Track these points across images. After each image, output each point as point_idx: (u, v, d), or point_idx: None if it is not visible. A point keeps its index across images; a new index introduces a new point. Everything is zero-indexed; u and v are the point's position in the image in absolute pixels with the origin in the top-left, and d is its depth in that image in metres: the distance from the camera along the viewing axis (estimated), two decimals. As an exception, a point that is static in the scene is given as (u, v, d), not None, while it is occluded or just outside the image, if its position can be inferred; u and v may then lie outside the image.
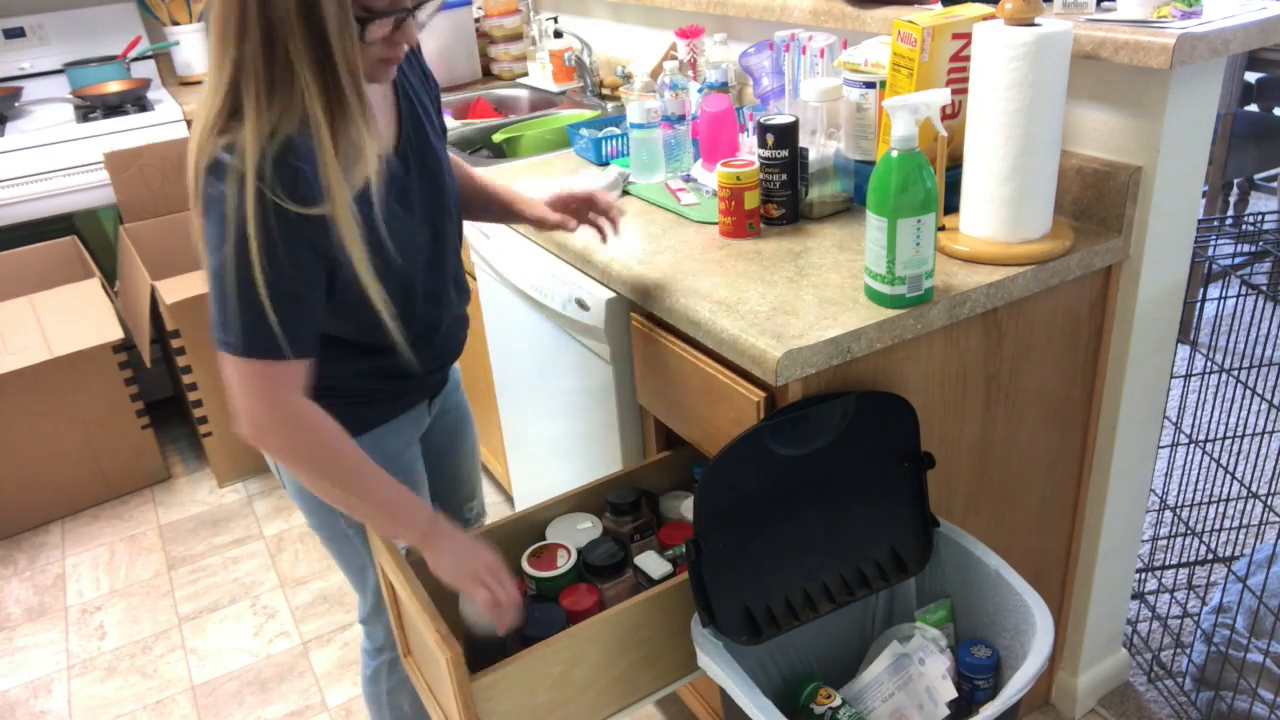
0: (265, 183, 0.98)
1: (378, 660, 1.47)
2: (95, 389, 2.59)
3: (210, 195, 1.00)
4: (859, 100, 1.48)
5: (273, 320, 1.02)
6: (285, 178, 0.99)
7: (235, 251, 0.99)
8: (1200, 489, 2.28)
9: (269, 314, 1.01)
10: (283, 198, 0.99)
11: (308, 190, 1.00)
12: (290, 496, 1.35)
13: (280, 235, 1.00)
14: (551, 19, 2.83)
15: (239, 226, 0.98)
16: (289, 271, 1.02)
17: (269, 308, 1.01)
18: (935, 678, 1.21)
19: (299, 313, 1.05)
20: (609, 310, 1.49)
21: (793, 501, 1.21)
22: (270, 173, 0.98)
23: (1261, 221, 1.70)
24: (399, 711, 1.52)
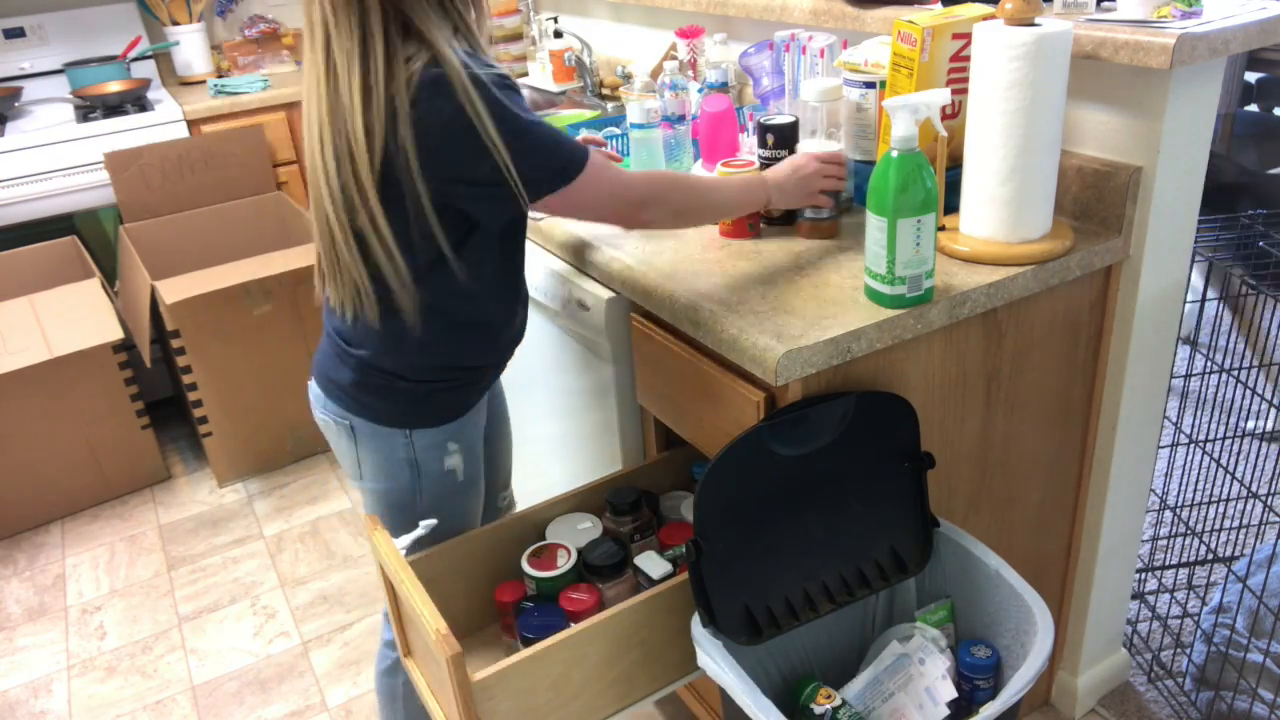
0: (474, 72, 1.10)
1: (396, 653, 1.47)
2: (95, 389, 2.59)
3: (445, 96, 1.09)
4: (859, 100, 1.48)
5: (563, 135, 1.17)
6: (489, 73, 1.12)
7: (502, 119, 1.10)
8: (1200, 489, 2.28)
9: (558, 131, 1.17)
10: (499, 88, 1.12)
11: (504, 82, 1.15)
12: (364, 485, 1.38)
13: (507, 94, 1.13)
14: (551, 19, 2.83)
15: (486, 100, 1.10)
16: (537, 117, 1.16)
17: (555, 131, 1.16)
18: (935, 678, 1.21)
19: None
20: (609, 310, 1.49)
21: (793, 501, 1.21)
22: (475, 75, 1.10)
23: (1262, 222, 1.70)
24: (412, 705, 1.52)
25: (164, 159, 2.84)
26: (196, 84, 3.24)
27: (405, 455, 1.32)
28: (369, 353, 1.27)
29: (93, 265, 2.83)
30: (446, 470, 1.35)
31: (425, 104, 1.09)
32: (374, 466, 1.34)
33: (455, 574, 1.42)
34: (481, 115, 1.09)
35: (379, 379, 1.27)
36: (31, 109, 3.04)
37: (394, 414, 1.29)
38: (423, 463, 1.33)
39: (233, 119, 3.00)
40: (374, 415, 1.30)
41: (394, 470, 1.33)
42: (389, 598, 1.35)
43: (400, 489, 1.35)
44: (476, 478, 1.41)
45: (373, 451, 1.33)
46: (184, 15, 3.20)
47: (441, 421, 1.32)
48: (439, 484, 1.35)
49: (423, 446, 1.32)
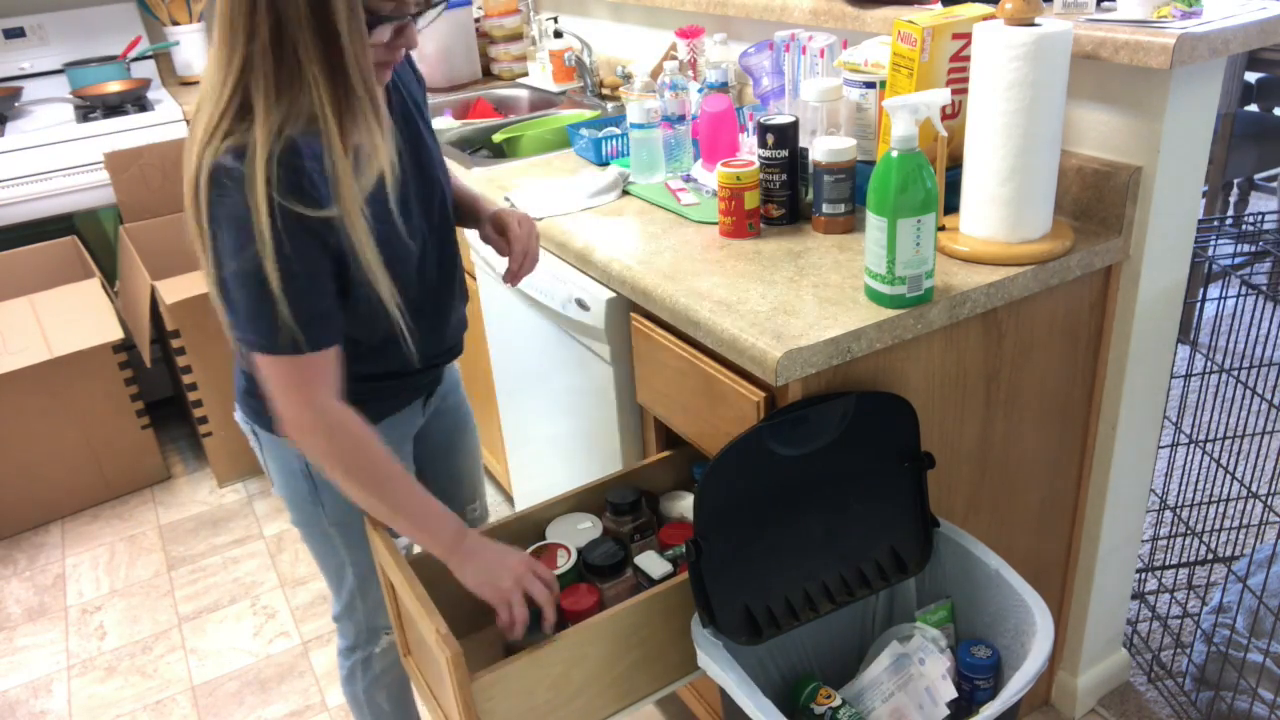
0: (274, 185, 0.98)
1: (351, 659, 1.48)
2: (95, 389, 2.59)
3: (218, 201, 1.00)
4: (859, 100, 1.48)
5: (292, 318, 1.03)
6: (292, 179, 1.00)
7: (248, 254, 1.00)
8: (1200, 489, 2.28)
9: (288, 311, 1.03)
10: (290, 199, 0.99)
11: (313, 191, 1.01)
12: (276, 492, 1.35)
13: (290, 235, 1.01)
14: (551, 19, 2.83)
15: (248, 230, 0.99)
16: (301, 269, 1.03)
17: (288, 305, 1.03)
18: (935, 678, 1.21)
19: (317, 307, 1.06)
20: (609, 310, 1.49)
21: (793, 502, 1.21)
22: (278, 174, 0.99)
23: (1261, 221, 1.70)
24: (378, 709, 1.52)
25: (164, 159, 2.84)
26: (196, 84, 3.24)
27: (300, 467, 1.28)
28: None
29: (93, 265, 2.83)
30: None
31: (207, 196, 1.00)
32: (276, 476, 1.32)
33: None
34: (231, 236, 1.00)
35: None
36: (31, 109, 3.04)
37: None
38: (317, 477, 1.28)
39: (233, 119, 2.99)
40: (267, 424, 1.25)
41: (292, 481, 1.30)
42: (389, 598, 1.35)
43: (301, 499, 1.31)
44: None
45: (273, 460, 1.30)
46: (184, 15, 3.20)
47: None
48: (338, 497, 1.25)
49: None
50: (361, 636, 1.45)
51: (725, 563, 1.17)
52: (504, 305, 1.93)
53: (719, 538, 1.16)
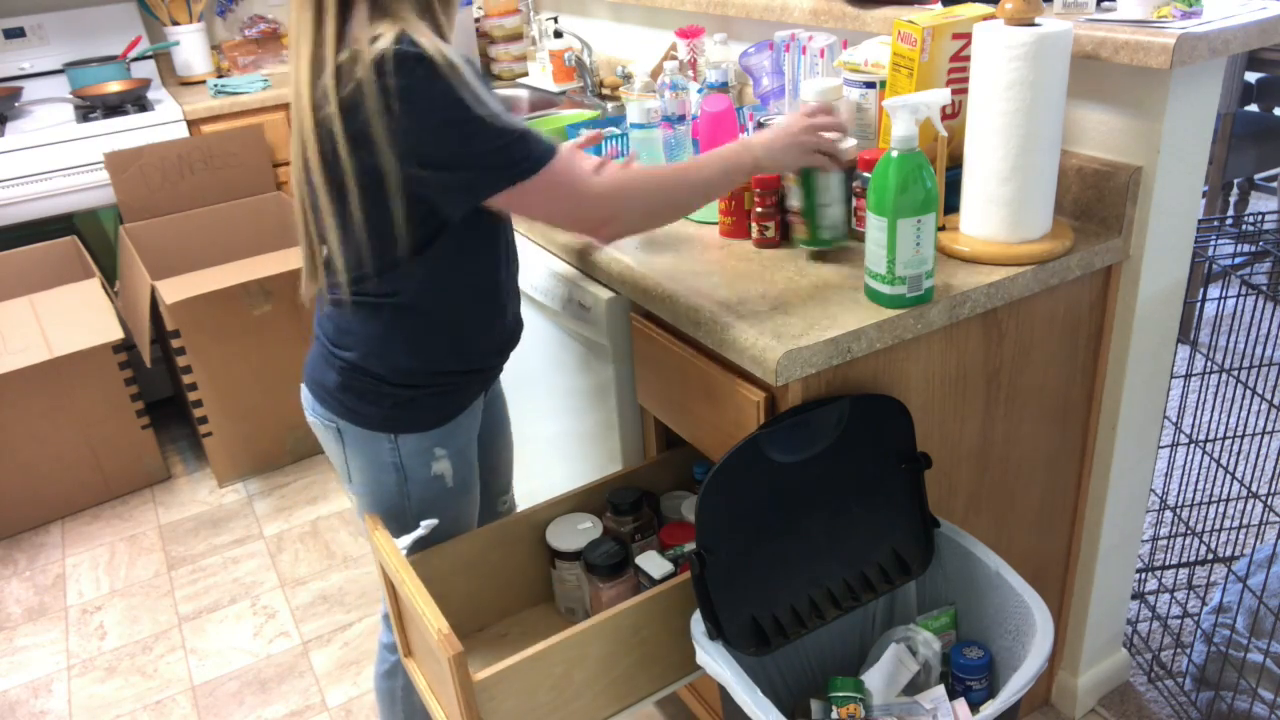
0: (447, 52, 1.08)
1: (396, 655, 1.47)
2: (95, 389, 2.59)
3: (414, 77, 1.06)
4: (859, 100, 1.48)
5: (526, 134, 1.12)
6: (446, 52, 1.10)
7: (468, 102, 1.07)
8: (1200, 489, 2.28)
9: (521, 131, 1.11)
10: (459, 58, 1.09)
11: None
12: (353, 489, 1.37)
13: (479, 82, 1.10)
14: (551, 19, 2.83)
15: (454, 90, 1.07)
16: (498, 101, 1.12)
17: (518, 127, 1.11)
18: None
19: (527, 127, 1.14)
20: (609, 310, 1.49)
21: (794, 508, 1.21)
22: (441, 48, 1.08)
23: (1261, 221, 1.70)
24: (411, 708, 1.52)
25: (164, 159, 2.84)
26: (196, 84, 3.24)
27: (391, 460, 1.31)
28: (354, 356, 1.26)
29: (93, 265, 2.83)
30: (434, 476, 1.34)
31: (394, 77, 1.06)
32: (361, 471, 1.34)
33: (455, 574, 1.42)
34: (449, 95, 1.07)
35: (363, 383, 1.27)
36: (31, 109, 3.04)
37: (378, 418, 1.28)
38: (409, 468, 1.32)
39: (233, 119, 3.00)
40: (359, 419, 1.29)
41: (380, 475, 1.33)
42: (389, 597, 1.35)
43: (387, 494, 1.34)
44: (468, 483, 1.40)
45: (359, 456, 1.32)
46: (184, 15, 3.20)
47: (427, 427, 1.30)
48: (427, 489, 1.35)
49: (408, 452, 1.31)
50: None
51: (729, 573, 1.17)
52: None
53: (722, 549, 1.16)
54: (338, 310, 1.27)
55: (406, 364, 1.26)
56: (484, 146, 1.10)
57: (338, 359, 1.28)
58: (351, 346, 1.26)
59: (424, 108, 1.07)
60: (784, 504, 1.20)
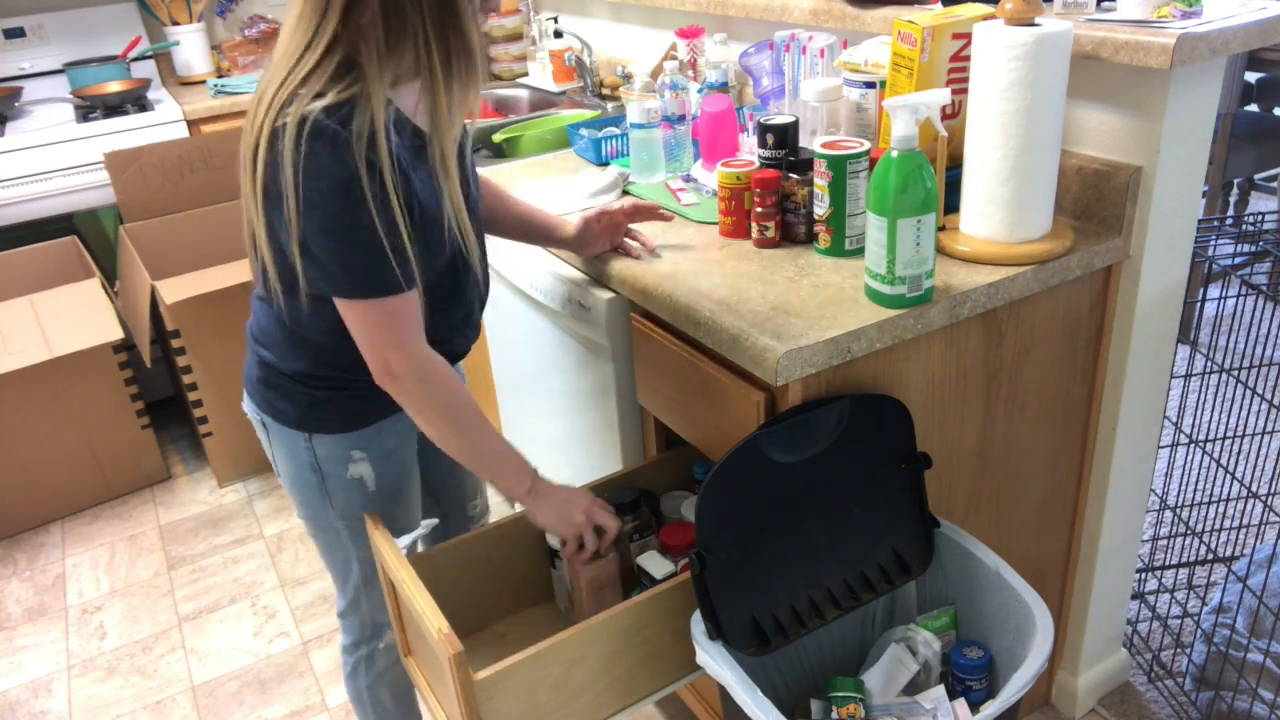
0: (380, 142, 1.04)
1: (355, 656, 1.48)
2: (95, 389, 2.59)
3: (316, 155, 1.03)
4: (859, 100, 1.48)
5: (389, 262, 1.08)
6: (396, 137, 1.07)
7: (348, 206, 1.04)
8: (1200, 489, 2.28)
9: (385, 256, 1.08)
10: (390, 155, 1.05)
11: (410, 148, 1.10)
12: (285, 485, 1.37)
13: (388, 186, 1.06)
14: (551, 19, 2.83)
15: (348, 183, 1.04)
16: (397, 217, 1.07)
17: (386, 251, 1.07)
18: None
19: (407, 251, 1.10)
20: (609, 310, 1.49)
21: (794, 508, 1.21)
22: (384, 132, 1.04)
23: (1261, 221, 1.70)
24: (381, 708, 1.52)
25: (164, 159, 2.84)
26: (196, 84, 3.24)
27: (308, 459, 1.30)
28: (270, 355, 1.26)
29: (93, 265, 2.83)
30: (351, 479, 1.31)
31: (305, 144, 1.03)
32: (284, 467, 1.34)
33: (455, 574, 1.42)
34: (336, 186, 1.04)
35: (279, 379, 1.26)
36: (31, 109, 3.04)
37: (294, 416, 1.27)
38: (325, 469, 1.30)
39: (233, 119, 3.00)
40: (278, 416, 1.28)
41: (300, 473, 1.32)
42: (389, 597, 1.35)
43: (310, 492, 1.33)
44: (398, 489, 1.36)
45: (282, 451, 1.32)
46: (184, 15, 3.20)
47: (343, 429, 1.28)
48: (347, 491, 1.32)
49: (324, 454, 1.29)
50: (365, 632, 1.45)
51: (729, 573, 1.17)
52: (504, 305, 1.93)
53: (722, 549, 1.16)
54: (260, 306, 1.27)
55: (320, 368, 1.24)
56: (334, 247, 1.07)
57: (258, 354, 1.28)
58: (268, 344, 1.26)
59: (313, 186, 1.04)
60: (784, 504, 1.20)
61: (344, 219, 1.05)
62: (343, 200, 1.04)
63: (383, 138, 1.04)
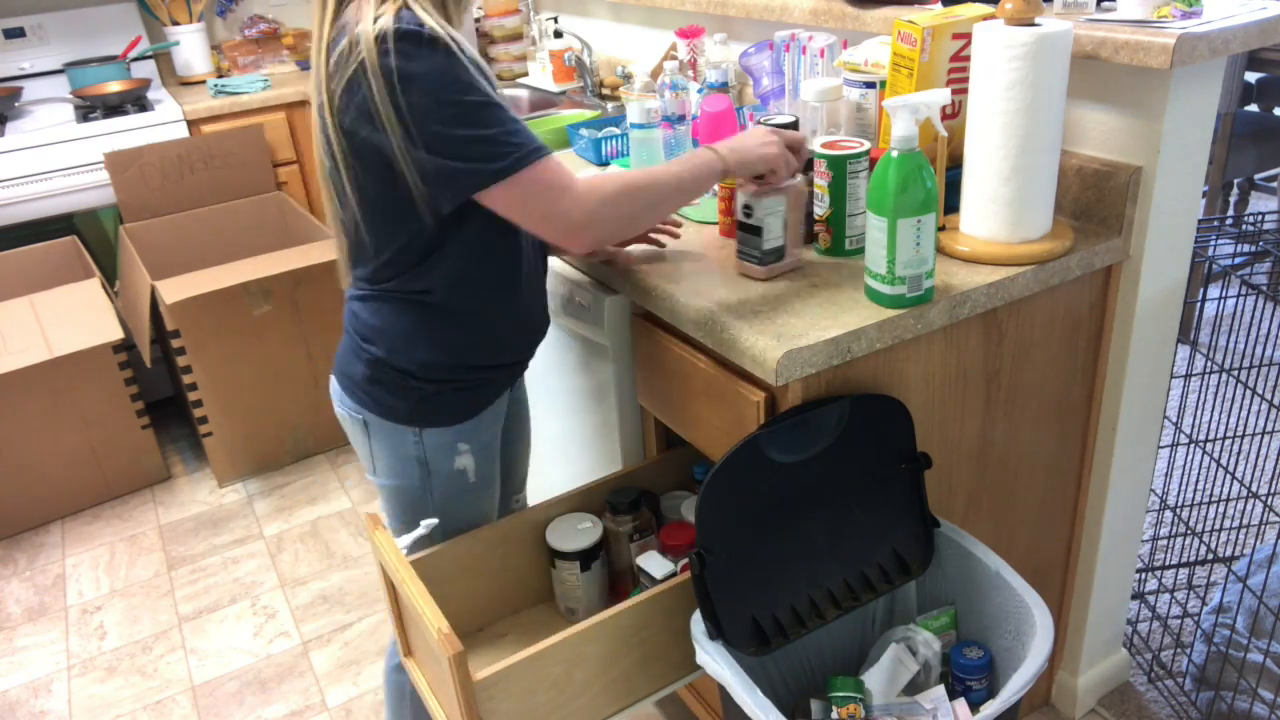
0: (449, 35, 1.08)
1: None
2: (95, 389, 2.59)
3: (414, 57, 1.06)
4: (859, 100, 1.48)
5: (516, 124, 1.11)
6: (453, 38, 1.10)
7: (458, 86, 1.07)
8: (1200, 489, 2.28)
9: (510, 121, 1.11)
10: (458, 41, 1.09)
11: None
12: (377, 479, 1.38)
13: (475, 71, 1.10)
14: (551, 19, 2.83)
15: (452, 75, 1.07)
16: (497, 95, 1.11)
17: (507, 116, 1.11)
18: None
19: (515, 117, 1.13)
20: (609, 310, 1.49)
21: (794, 508, 1.21)
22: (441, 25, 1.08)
23: (1261, 221, 1.70)
24: (419, 704, 1.52)
25: (164, 159, 2.84)
26: (196, 84, 3.24)
27: (415, 453, 1.32)
28: (380, 350, 1.27)
29: (93, 265, 2.83)
30: (457, 470, 1.35)
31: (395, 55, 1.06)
32: (386, 463, 1.35)
33: (456, 574, 1.42)
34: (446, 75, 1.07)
35: (390, 376, 1.28)
36: (31, 109, 3.04)
37: (404, 411, 1.29)
38: (432, 462, 1.33)
39: (233, 119, 3.00)
40: (385, 411, 1.30)
41: (404, 468, 1.34)
42: (390, 598, 1.35)
43: (411, 487, 1.35)
44: (490, 479, 1.40)
45: (384, 447, 1.33)
46: (184, 15, 3.20)
47: (452, 421, 1.31)
48: (449, 484, 1.35)
49: (432, 446, 1.32)
50: None
51: (730, 573, 1.17)
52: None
53: (722, 549, 1.16)
54: (364, 304, 1.28)
55: (432, 359, 1.27)
56: (476, 134, 1.09)
57: (365, 352, 1.29)
58: (378, 341, 1.27)
59: (422, 86, 1.07)
60: (784, 504, 1.20)
61: (464, 105, 1.08)
62: (453, 87, 1.07)
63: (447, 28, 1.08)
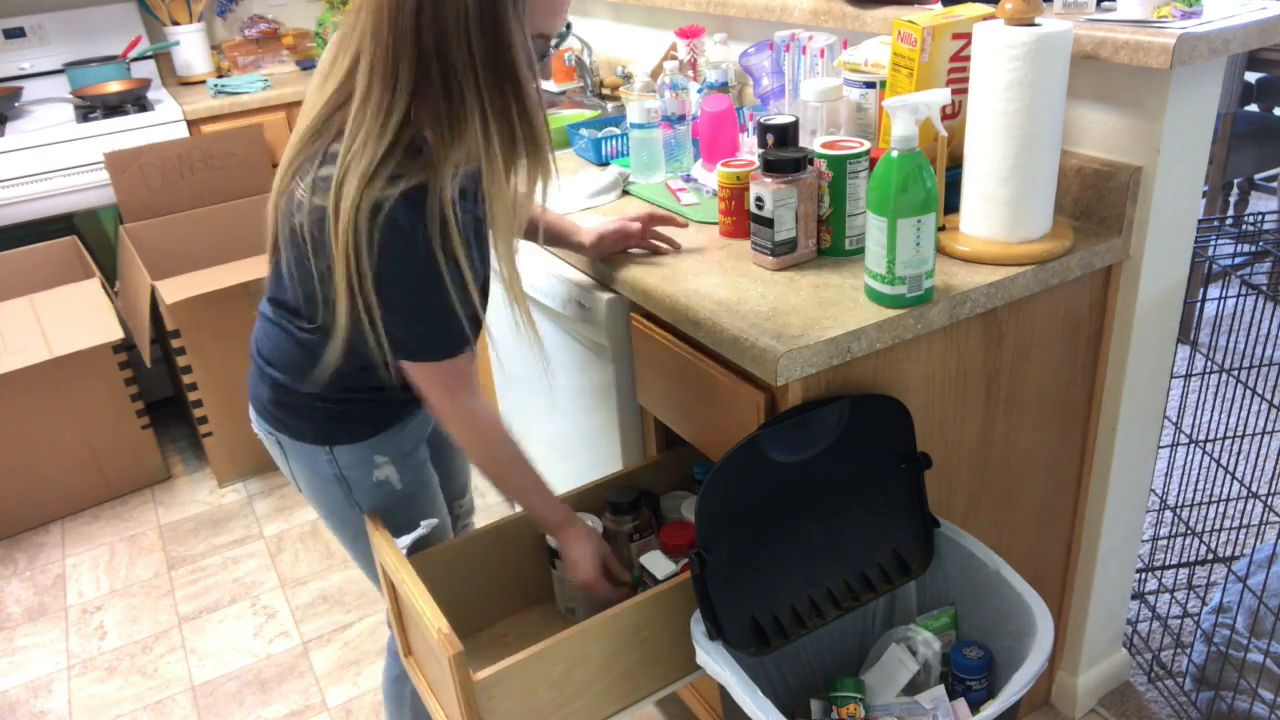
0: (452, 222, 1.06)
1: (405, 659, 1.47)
2: (95, 389, 2.59)
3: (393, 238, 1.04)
4: (859, 100, 1.48)
5: (460, 323, 1.13)
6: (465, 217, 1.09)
7: (424, 283, 1.08)
8: (1200, 489, 2.28)
9: (457, 323, 1.13)
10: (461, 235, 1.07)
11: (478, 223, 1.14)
12: (309, 499, 1.37)
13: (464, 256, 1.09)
14: (551, 19, 2.82)
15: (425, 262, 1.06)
16: (467, 286, 1.11)
17: (459, 318, 1.13)
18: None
19: (476, 315, 1.17)
20: (609, 310, 1.49)
21: (794, 508, 1.21)
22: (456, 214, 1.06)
23: (1261, 221, 1.70)
24: (420, 712, 1.52)
25: (164, 159, 2.84)
26: (196, 84, 3.24)
27: (331, 471, 1.31)
28: (283, 376, 1.26)
29: (93, 265, 2.83)
30: (377, 482, 1.33)
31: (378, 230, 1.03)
32: (306, 482, 1.34)
33: (455, 574, 1.42)
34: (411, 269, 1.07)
35: (294, 398, 1.27)
36: (31, 109, 3.04)
37: (313, 432, 1.28)
38: (350, 478, 1.31)
39: (233, 119, 3.00)
40: (295, 433, 1.29)
41: (324, 486, 1.32)
42: (389, 598, 1.35)
43: (336, 503, 1.34)
44: (423, 482, 1.38)
45: (301, 467, 1.33)
46: (184, 15, 3.20)
47: (362, 437, 1.29)
48: (375, 495, 1.34)
49: (346, 463, 1.30)
50: None
51: (730, 573, 1.17)
52: (504, 305, 1.92)
53: (722, 549, 1.16)
54: (268, 329, 1.27)
55: (334, 392, 1.25)
56: (405, 320, 1.12)
57: (268, 376, 1.28)
58: (280, 367, 1.26)
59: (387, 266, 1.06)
60: (784, 504, 1.20)
61: (419, 297, 1.10)
62: (418, 280, 1.08)
63: (453, 219, 1.06)
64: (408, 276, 1.08)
